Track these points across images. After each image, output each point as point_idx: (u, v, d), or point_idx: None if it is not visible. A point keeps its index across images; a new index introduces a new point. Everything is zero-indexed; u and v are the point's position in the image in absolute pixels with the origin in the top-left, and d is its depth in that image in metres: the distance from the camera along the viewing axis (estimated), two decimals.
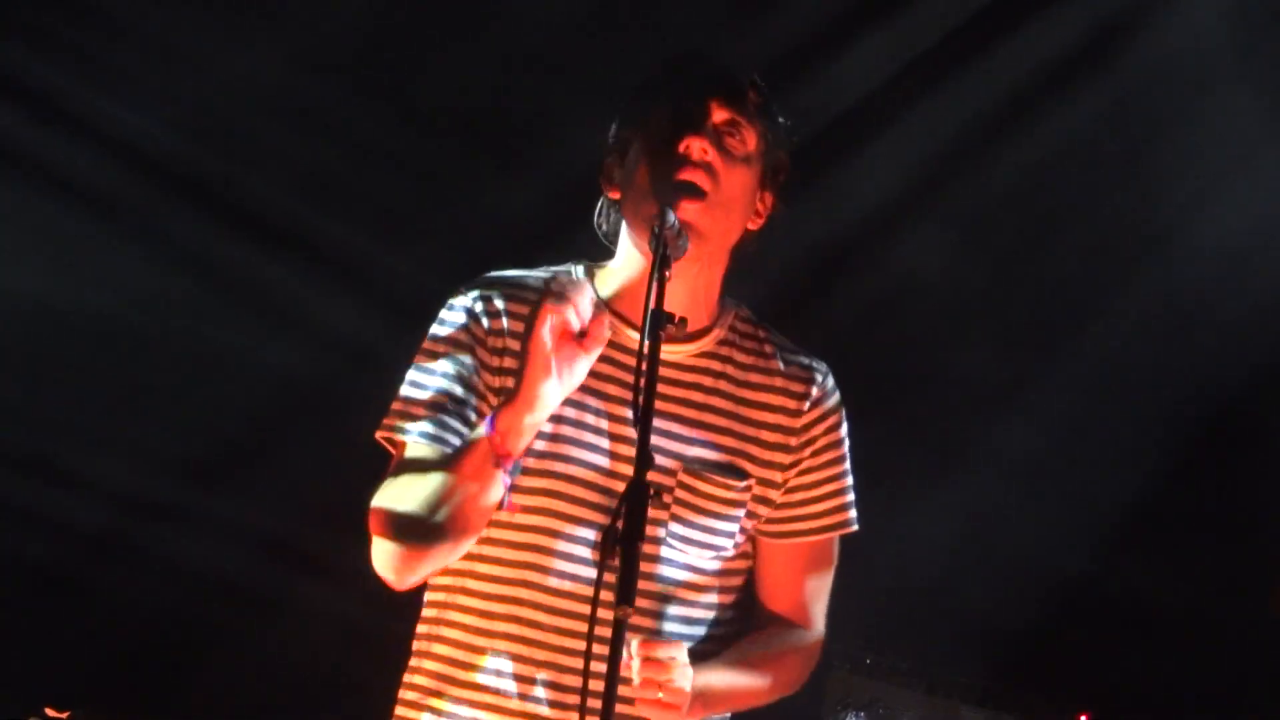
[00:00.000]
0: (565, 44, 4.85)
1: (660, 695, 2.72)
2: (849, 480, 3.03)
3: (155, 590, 5.35)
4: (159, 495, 5.34)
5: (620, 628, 2.45)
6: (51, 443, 5.24)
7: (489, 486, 2.71)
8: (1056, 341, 5.25)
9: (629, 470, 2.53)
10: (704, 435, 2.90)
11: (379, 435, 2.90)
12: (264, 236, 5.14)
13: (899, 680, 5.01)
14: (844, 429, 3.03)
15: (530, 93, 4.97)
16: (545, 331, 2.64)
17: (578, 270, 3.00)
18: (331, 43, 4.96)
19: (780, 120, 2.97)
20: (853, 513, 3.03)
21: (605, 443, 2.85)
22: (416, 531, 2.75)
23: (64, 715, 4.79)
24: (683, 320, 2.69)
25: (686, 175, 2.81)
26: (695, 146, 2.82)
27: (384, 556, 2.78)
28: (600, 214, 3.02)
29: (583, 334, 2.70)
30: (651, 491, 2.51)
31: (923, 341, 5.20)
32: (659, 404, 2.77)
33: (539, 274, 2.99)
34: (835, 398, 3.03)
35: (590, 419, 2.87)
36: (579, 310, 2.66)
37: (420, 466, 2.80)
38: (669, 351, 2.88)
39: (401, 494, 2.77)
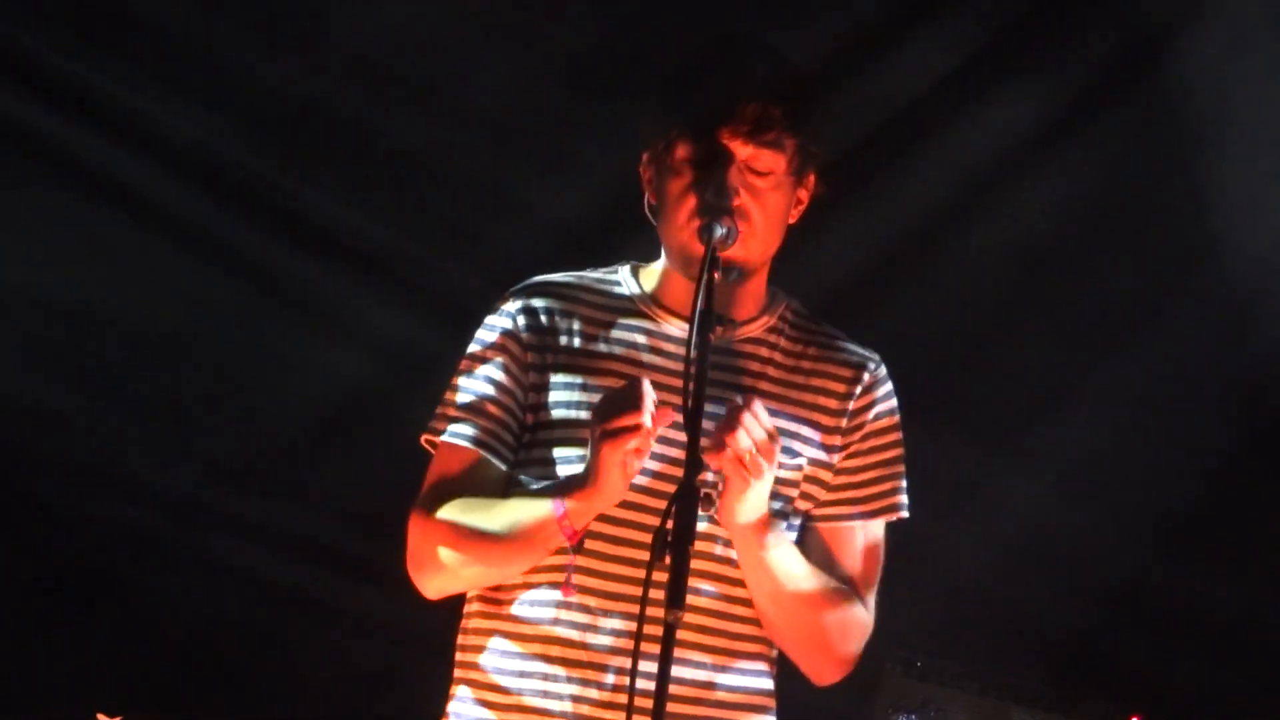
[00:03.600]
0: (612, 46, 4.84)
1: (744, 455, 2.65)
2: (898, 468, 2.99)
3: (206, 595, 5.35)
4: (208, 500, 5.34)
5: (670, 632, 2.44)
6: (102, 448, 5.24)
7: (547, 552, 2.79)
8: (1111, 344, 5.20)
9: (675, 469, 2.58)
10: None
11: (424, 439, 2.96)
12: (314, 243, 5.16)
13: (951, 682, 4.99)
14: (896, 418, 3.00)
15: (578, 96, 4.96)
16: (624, 446, 2.66)
17: (624, 271, 3.03)
18: (380, 48, 4.96)
19: (816, 109, 2.92)
20: (900, 499, 2.98)
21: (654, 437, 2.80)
22: (461, 574, 2.88)
23: None
24: (730, 320, 2.78)
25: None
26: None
27: (422, 572, 2.91)
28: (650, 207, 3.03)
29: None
30: (700, 494, 2.51)
31: (976, 343, 5.16)
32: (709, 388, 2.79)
33: (588, 276, 3.03)
34: (886, 387, 3.00)
35: None
36: (649, 413, 2.67)
37: (470, 485, 2.89)
38: (732, 338, 2.92)
39: (457, 535, 2.85)
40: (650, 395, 2.67)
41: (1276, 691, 5.28)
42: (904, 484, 2.99)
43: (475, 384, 2.93)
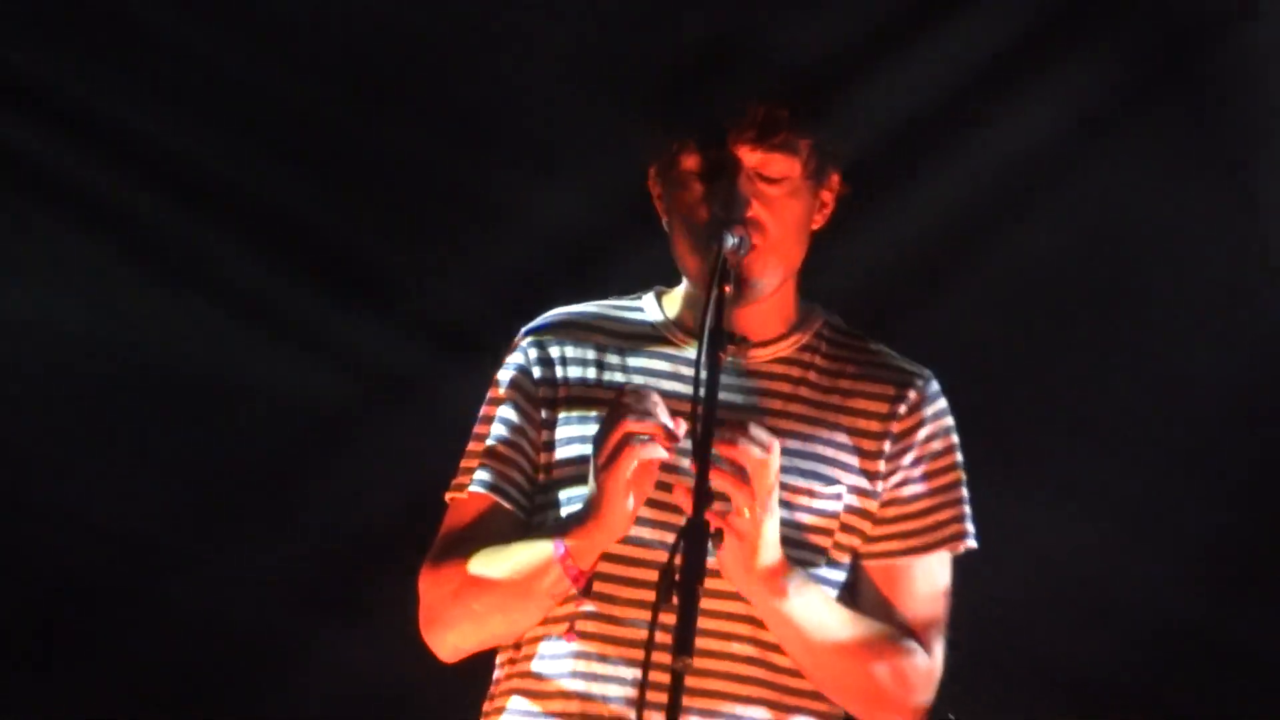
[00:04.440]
0: (614, 48, 4.75)
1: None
2: (957, 493, 2.85)
3: (216, 609, 5.25)
4: (204, 513, 5.28)
5: (679, 680, 2.30)
6: (101, 456, 5.19)
7: (555, 598, 2.67)
8: (1153, 361, 5.05)
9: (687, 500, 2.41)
10: (782, 442, 2.66)
11: (448, 496, 2.87)
12: (295, 261, 5.11)
13: None
14: (952, 438, 2.87)
15: (578, 101, 4.86)
16: (625, 467, 2.54)
17: (648, 297, 2.93)
18: (370, 59, 4.94)
19: (830, 105, 2.80)
20: (963, 527, 2.84)
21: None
22: (471, 629, 2.77)
23: None
24: (743, 339, 2.60)
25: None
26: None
27: (433, 629, 2.81)
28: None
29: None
30: (711, 530, 2.36)
31: (1006, 366, 5.03)
32: (730, 413, 2.63)
33: (608, 304, 2.95)
34: (938, 405, 2.87)
35: None
36: (656, 422, 2.55)
37: (482, 532, 2.78)
38: (745, 359, 2.78)
39: (463, 585, 2.73)
40: (640, 402, 2.56)
41: None
42: (967, 510, 2.85)
43: (487, 429, 2.85)
